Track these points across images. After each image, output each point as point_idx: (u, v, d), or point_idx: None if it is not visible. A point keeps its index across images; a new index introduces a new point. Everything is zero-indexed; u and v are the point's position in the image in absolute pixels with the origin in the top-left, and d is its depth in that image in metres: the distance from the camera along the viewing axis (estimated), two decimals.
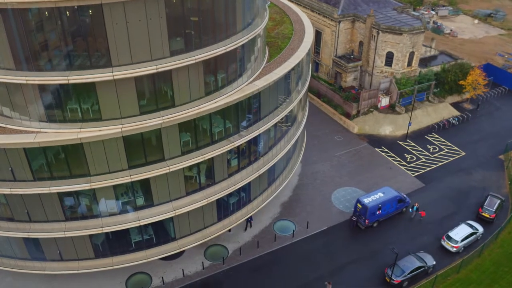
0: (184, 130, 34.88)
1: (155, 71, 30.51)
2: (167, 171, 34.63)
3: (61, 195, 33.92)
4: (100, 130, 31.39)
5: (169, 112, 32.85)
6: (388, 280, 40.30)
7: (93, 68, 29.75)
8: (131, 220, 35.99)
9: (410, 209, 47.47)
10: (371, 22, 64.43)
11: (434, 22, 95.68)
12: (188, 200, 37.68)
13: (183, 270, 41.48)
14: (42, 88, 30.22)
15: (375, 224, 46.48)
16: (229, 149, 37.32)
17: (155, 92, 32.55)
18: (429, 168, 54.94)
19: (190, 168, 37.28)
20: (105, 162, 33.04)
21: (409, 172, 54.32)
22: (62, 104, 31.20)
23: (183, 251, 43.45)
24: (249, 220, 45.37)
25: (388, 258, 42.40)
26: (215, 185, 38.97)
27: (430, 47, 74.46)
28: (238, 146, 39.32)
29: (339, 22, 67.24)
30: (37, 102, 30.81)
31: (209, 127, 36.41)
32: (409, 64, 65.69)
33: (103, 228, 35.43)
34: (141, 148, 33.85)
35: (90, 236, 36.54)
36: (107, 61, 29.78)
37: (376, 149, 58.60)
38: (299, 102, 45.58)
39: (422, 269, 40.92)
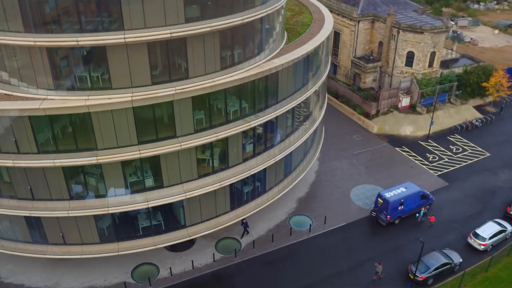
0: (197, 107, 33.03)
1: (169, 36, 28.93)
2: (179, 148, 32.65)
3: (66, 171, 32.06)
4: (109, 98, 29.69)
5: (182, 83, 31.13)
6: (411, 277, 37.43)
7: (104, 31, 28.33)
8: (139, 201, 33.91)
9: (417, 214, 44.12)
10: (391, 21, 62.77)
11: (454, 31, 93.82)
12: (200, 183, 35.54)
13: (192, 261, 39.06)
14: (50, 52, 28.74)
15: (396, 221, 43.72)
16: (244, 129, 35.31)
17: (168, 62, 30.89)
18: (452, 168, 52.26)
19: (203, 150, 35.35)
20: (113, 136, 31.19)
21: (431, 171, 51.67)
22: (70, 70, 29.70)
23: (193, 243, 41.22)
24: (245, 228, 41.99)
25: (411, 255, 39.60)
26: (229, 169, 36.84)
27: (452, 49, 72.41)
28: (254, 131, 37.45)
29: (359, 21, 65.72)
30: (44, 68, 29.26)
31: (224, 106, 34.54)
32: (430, 65, 63.59)
33: (109, 209, 33.36)
34: (151, 123, 32.00)
35: (96, 218, 34.47)
36: (119, 25, 28.33)
37: (397, 148, 56.15)
38: (317, 91, 43.70)
39: (448, 266, 38.03)
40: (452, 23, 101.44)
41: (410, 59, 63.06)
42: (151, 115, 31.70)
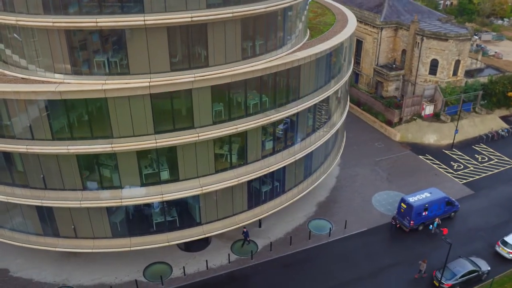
0: (217, 99, 32.00)
1: (189, 20, 28.16)
2: (196, 138, 31.55)
3: (80, 160, 31.16)
4: (126, 83, 28.87)
5: (202, 70, 30.22)
6: (437, 284, 35.35)
7: (124, 13, 27.73)
8: (154, 194, 32.75)
9: (430, 226, 41.64)
10: (415, 28, 61.51)
11: (478, 45, 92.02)
12: (217, 178, 34.28)
13: (207, 261, 37.57)
14: (68, 35, 28.18)
15: (420, 227, 41.68)
16: (264, 123, 34.13)
17: (188, 49, 30.03)
18: (478, 177, 50.15)
19: (221, 145, 34.22)
20: (129, 124, 30.26)
21: (456, 179, 49.60)
22: (88, 55, 29.07)
23: (208, 243, 39.80)
24: (245, 237, 39.52)
25: (435, 262, 37.53)
26: (247, 165, 35.55)
27: (476, 59, 70.66)
28: (274, 128, 36.26)
29: (382, 29, 64.61)
30: (62, 52, 28.69)
31: (244, 100, 33.43)
32: (455, 73, 61.88)
33: (122, 201, 32.27)
34: (169, 112, 31.08)
35: (108, 212, 33.39)
36: (140, 8, 27.76)
37: (420, 156, 54.25)
38: (339, 91, 42.50)
39: (476, 274, 35.87)
40: (476, 37, 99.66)
41: (434, 67, 61.51)
42: (169, 104, 30.82)
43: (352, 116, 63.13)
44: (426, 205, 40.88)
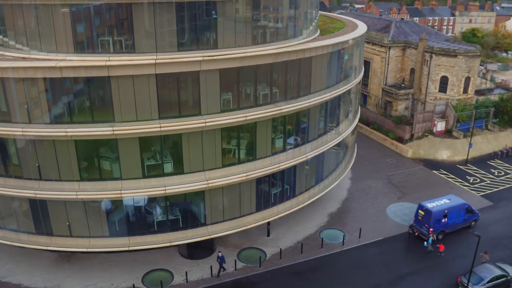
0: (225, 87, 30.33)
1: None
2: (203, 124, 29.63)
3: (79, 146, 29.10)
4: (131, 60, 27.31)
5: (210, 50, 28.77)
6: None
7: None
8: (156, 186, 30.47)
9: (425, 243, 37.53)
10: (423, 45, 60.81)
11: (484, 74, 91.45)
12: (224, 172, 32.10)
13: (211, 267, 34.67)
14: (72, 10, 26.94)
15: (440, 236, 38.85)
16: (274, 113, 32.29)
17: (196, 29, 28.66)
18: (496, 189, 47.71)
19: (229, 138, 32.27)
20: (133, 108, 28.47)
21: (473, 192, 47.11)
22: (92, 31, 27.69)
23: (212, 251, 36.97)
24: (220, 263, 34.32)
25: (458, 269, 34.71)
26: (256, 161, 33.43)
27: (486, 79, 69.60)
28: (284, 124, 34.41)
29: (389, 48, 63.95)
30: (66, 29, 27.37)
31: (254, 90, 31.78)
32: (465, 91, 60.56)
33: (122, 193, 29.98)
34: (175, 96, 29.31)
35: (107, 207, 30.95)
36: None
37: (434, 171, 51.96)
38: (350, 92, 41.00)
39: (504, 279, 32.90)
40: (482, 67, 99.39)
41: (444, 84, 60.28)
42: (175, 86, 29.11)
43: (362, 135, 61.34)
44: (446, 211, 38.30)
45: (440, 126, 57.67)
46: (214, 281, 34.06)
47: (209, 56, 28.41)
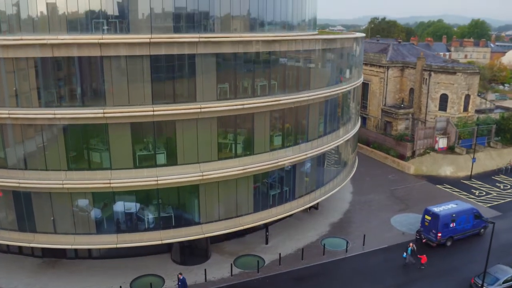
0: (222, 77, 29.27)
1: None
2: (198, 110, 28.35)
3: (68, 134, 27.62)
4: (124, 38, 26.35)
5: (207, 33, 27.95)
6: None
7: None
8: (148, 176, 28.74)
9: (404, 254, 34.50)
10: (421, 64, 60.56)
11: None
12: (220, 165, 30.46)
13: (205, 270, 32.30)
14: None
15: (448, 242, 36.71)
16: (273, 103, 31.10)
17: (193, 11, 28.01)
18: (503, 201, 46.00)
19: (225, 131, 30.87)
20: (125, 91, 27.28)
21: (480, 203, 45.25)
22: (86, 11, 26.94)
23: (207, 258, 34.68)
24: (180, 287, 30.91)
25: (470, 274, 32.43)
26: (254, 155, 31.88)
27: (486, 99, 69.03)
28: (283, 124, 33.16)
29: (388, 68, 63.70)
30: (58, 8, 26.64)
31: (252, 82, 30.70)
32: (465, 109, 59.73)
33: (111, 182, 28.17)
34: (170, 79, 28.10)
35: (95, 201, 29.10)
36: None
37: (437, 186, 50.22)
38: (350, 94, 40.05)
39: None
40: (481, 97, 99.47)
41: (443, 102, 59.52)
42: (170, 70, 27.97)
43: (362, 155, 59.82)
44: (454, 215, 36.37)
45: (442, 143, 56.39)
46: (208, 286, 31.61)
47: (205, 38, 27.50)
